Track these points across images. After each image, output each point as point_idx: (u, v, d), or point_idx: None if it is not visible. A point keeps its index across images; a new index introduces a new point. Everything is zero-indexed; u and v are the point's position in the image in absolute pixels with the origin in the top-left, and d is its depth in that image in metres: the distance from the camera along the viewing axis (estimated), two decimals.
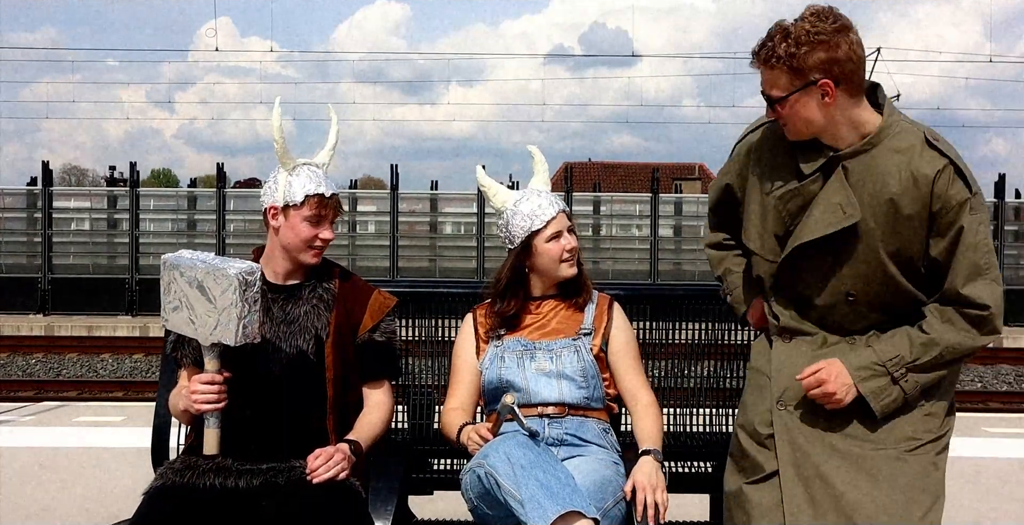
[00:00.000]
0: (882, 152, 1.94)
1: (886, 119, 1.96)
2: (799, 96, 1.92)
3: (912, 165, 1.91)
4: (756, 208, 2.08)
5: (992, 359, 13.08)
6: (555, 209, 2.50)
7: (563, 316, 2.55)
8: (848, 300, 2.00)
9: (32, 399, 8.50)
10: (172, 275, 2.21)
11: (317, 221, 2.33)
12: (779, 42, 1.90)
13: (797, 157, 2.01)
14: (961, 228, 1.89)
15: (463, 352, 2.58)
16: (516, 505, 2.02)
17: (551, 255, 2.50)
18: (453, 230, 17.33)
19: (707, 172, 41.81)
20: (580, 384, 2.45)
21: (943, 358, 1.93)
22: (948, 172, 1.90)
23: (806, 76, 1.90)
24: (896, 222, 1.93)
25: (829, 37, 1.88)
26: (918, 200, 1.91)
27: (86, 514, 3.97)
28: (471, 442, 2.31)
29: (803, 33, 1.88)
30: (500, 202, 2.58)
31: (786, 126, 1.99)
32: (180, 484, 2.14)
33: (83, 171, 57.68)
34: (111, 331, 14.48)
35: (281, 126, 2.32)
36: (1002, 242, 16.17)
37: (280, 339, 2.32)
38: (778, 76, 1.92)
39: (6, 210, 16.73)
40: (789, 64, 1.90)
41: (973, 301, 1.91)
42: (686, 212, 17.01)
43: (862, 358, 1.95)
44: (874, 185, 1.93)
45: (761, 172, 2.07)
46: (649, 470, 2.26)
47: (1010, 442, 5.67)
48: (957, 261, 1.91)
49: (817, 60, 1.88)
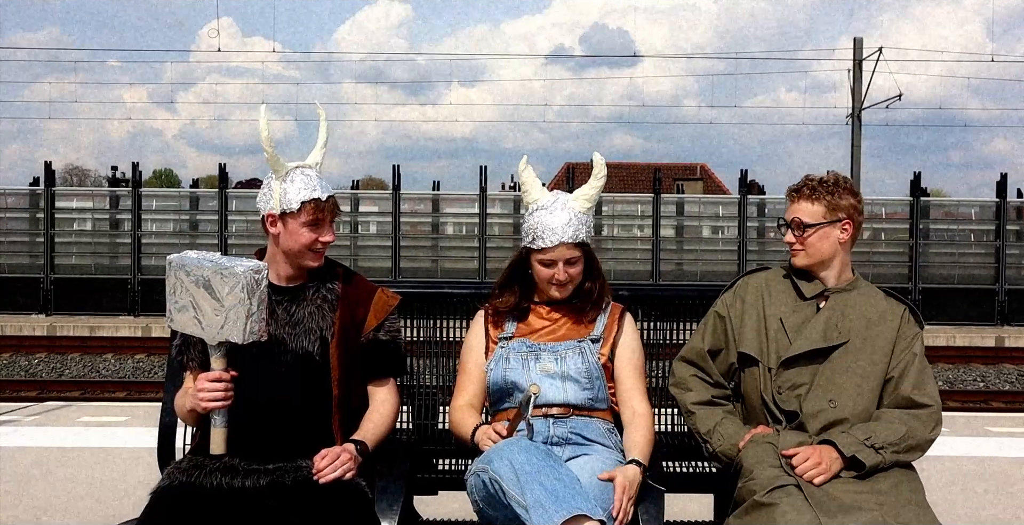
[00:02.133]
0: (859, 295, 2.46)
1: (858, 277, 2.52)
2: (827, 228, 2.42)
3: (880, 309, 2.44)
4: (753, 325, 2.46)
5: (995, 359, 13.09)
6: (558, 240, 2.43)
7: (574, 324, 2.55)
8: (830, 406, 2.34)
9: (35, 399, 8.52)
10: (178, 275, 2.21)
11: (316, 225, 2.34)
12: (820, 183, 2.43)
13: (798, 285, 2.47)
14: (914, 354, 2.41)
15: (473, 349, 2.57)
16: (521, 511, 2.03)
17: (539, 276, 2.51)
18: (455, 230, 17.34)
19: (709, 172, 41.77)
20: (584, 386, 2.45)
21: (908, 439, 2.29)
22: (907, 315, 2.46)
23: (836, 213, 2.42)
24: (871, 347, 2.39)
25: (854, 190, 2.46)
26: (887, 333, 2.41)
27: (90, 514, 3.98)
28: (487, 440, 2.31)
29: (839, 180, 2.45)
30: (526, 200, 2.57)
31: (802, 251, 2.44)
32: (187, 484, 2.15)
33: (85, 171, 57.66)
34: (113, 331, 14.49)
35: (269, 135, 2.32)
36: (1004, 242, 16.17)
37: (285, 340, 2.32)
38: (816, 208, 2.42)
39: (8, 210, 16.76)
40: (828, 200, 2.41)
41: (921, 401, 2.35)
42: (688, 212, 17.02)
43: (846, 437, 2.27)
44: (856, 318, 2.41)
45: (760, 297, 2.49)
46: (631, 475, 2.26)
47: (1013, 441, 5.67)
48: (909, 375, 2.38)
49: (848, 203, 2.43)
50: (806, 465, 2.20)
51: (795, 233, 2.44)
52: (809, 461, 2.21)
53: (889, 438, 2.27)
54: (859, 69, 22.97)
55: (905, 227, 16.59)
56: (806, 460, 2.21)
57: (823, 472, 2.20)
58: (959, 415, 7.21)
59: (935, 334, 14.78)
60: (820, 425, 2.32)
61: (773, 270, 2.57)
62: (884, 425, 2.30)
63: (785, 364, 2.38)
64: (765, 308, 2.47)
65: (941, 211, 17.48)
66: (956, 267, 16.46)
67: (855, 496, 2.15)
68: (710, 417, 2.44)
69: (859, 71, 22.97)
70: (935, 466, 5.01)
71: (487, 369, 2.52)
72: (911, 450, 2.30)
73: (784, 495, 2.13)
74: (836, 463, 2.22)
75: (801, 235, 2.42)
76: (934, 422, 2.35)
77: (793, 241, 2.44)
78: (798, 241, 2.43)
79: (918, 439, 2.31)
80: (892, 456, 2.26)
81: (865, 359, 2.37)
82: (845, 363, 2.37)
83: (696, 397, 2.48)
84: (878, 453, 2.24)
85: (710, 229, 17.61)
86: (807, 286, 2.46)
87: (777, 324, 2.43)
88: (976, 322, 15.90)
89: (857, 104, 23.10)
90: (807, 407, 2.34)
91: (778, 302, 2.47)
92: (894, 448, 2.26)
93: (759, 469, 2.23)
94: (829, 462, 2.22)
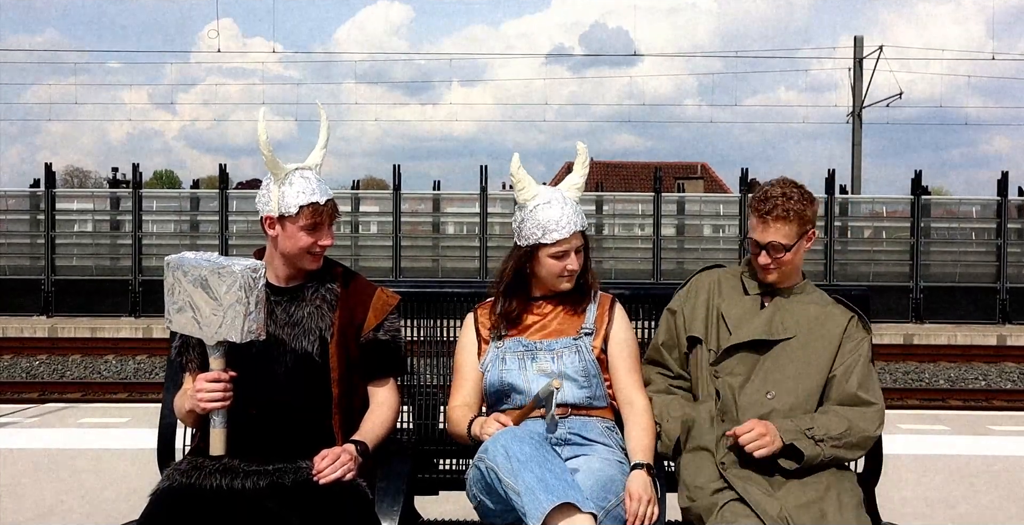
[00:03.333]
0: (806, 297, 2.49)
1: (806, 280, 2.54)
2: (801, 243, 2.42)
3: (826, 312, 2.46)
4: (702, 315, 2.49)
5: (996, 357, 13.08)
6: (570, 230, 2.46)
7: (564, 316, 2.55)
8: (767, 398, 2.37)
9: (36, 400, 8.51)
10: (176, 276, 2.21)
11: (314, 229, 2.33)
12: (784, 200, 2.38)
13: (745, 285, 2.51)
14: (860, 355, 2.41)
15: (465, 352, 2.58)
16: (514, 496, 2.05)
17: (550, 270, 2.50)
18: (456, 230, 17.33)
19: (710, 171, 41.76)
20: (582, 384, 2.45)
21: (849, 434, 2.30)
22: (855, 321, 2.46)
23: (805, 226, 2.41)
24: (814, 346, 2.41)
25: (812, 196, 2.45)
26: (831, 335, 2.42)
27: (90, 515, 3.97)
28: (492, 426, 2.29)
29: (804, 192, 2.42)
30: (523, 198, 2.54)
31: (777, 269, 2.43)
32: (187, 485, 2.15)
33: (86, 173, 57.72)
34: (114, 332, 14.48)
35: (267, 139, 2.31)
36: (1005, 240, 16.15)
37: (284, 341, 2.32)
38: (791, 228, 2.39)
39: (9, 212, 16.75)
40: (800, 216, 2.39)
41: (866, 399, 2.37)
42: (689, 211, 16.99)
43: (787, 423, 2.30)
44: (801, 318, 2.43)
45: (711, 291, 2.53)
46: (643, 482, 2.28)
47: (1015, 440, 5.66)
48: (854, 374, 2.39)
49: (812, 212, 2.43)
50: (750, 435, 2.24)
51: (773, 255, 2.41)
52: (753, 432, 2.24)
53: (831, 432, 2.28)
54: (860, 68, 22.97)
55: (906, 225, 16.57)
56: (750, 431, 2.24)
57: (766, 444, 2.23)
58: (961, 414, 7.20)
59: (936, 333, 14.78)
60: (754, 416, 2.34)
61: (727, 269, 2.61)
62: (827, 418, 2.31)
63: (726, 352, 2.42)
64: (712, 301, 2.51)
65: (942, 209, 17.45)
66: (957, 265, 16.43)
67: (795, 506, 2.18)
68: (663, 403, 2.49)
69: (860, 69, 22.97)
70: (936, 464, 5.00)
71: (483, 370, 2.52)
72: (852, 447, 2.32)
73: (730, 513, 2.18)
74: (778, 440, 2.24)
75: (780, 257, 2.40)
76: (878, 420, 2.36)
77: (768, 262, 2.42)
78: (774, 262, 2.42)
79: (860, 435, 2.32)
80: (831, 450, 2.27)
81: (806, 358, 2.39)
82: (785, 359, 2.39)
83: (654, 388, 2.54)
84: (817, 445, 2.25)
85: (711, 228, 17.59)
86: (751, 283, 2.50)
87: (718, 313, 2.47)
88: (977, 320, 15.88)
89: (858, 102, 23.09)
90: (743, 399, 2.37)
91: (725, 296, 2.51)
92: (834, 442, 2.27)
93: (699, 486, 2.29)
94: (773, 436, 2.24)
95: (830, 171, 16.44)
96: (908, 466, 4.90)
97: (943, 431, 6.00)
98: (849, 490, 2.29)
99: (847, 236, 16.92)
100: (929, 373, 11.97)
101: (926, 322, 15.93)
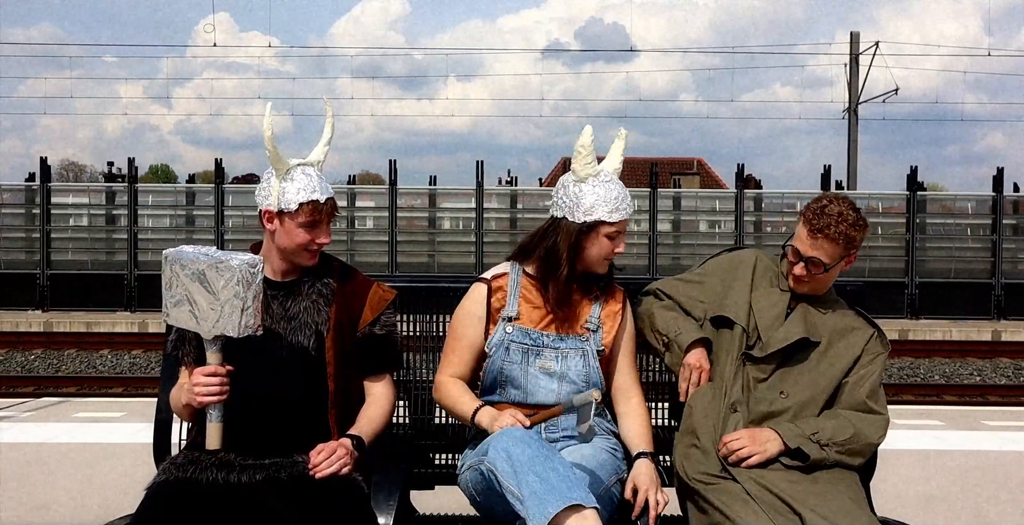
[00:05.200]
0: (833, 306, 2.52)
1: (832, 291, 2.55)
2: (840, 264, 2.43)
3: (850, 324, 2.49)
4: (740, 292, 2.50)
5: (991, 353, 13.11)
6: (629, 211, 2.46)
7: (576, 303, 2.49)
8: (780, 396, 2.41)
9: (31, 395, 8.51)
10: (174, 270, 2.21)
11: (312, 226, 2.33)
12: (839, 221, 2.38)
13: (781, 279, 2.52)
14: (875, 369, 2.46)
15: (469, 325, 2.49)
16: (516, 502, 2.03)
17: (601, 250, 2.45)
18: (452, 225, 17.31)
19: (706, 167, 41.75)
20: (581, 389, 2.43)
21: (854, 441, 2.34)
22: (876, 336, 2.50)
23: (849, 250, 2.41)
24: (834, 354, 2.44)
25: (866, 223, 2.44)
26: (852, 346, 2.46)
27: (86, 509, 3.97)
28: (509, 419, 2.25)
29: (857, 216, 2.41)
30: (586, 173, 2.42)
31: (809, 283, 2.44)
32: (183, 479, 2.14)
33: (81, 167, 57.65)
34: (110, 327, 14.47)
35: (272, 135, 2.31)
36: (1000, 236, 16.18)
37: (281, 335, 2.32)
38: (835, 248, 2.39)
39: (4, 206, 16.72)
40: (849, 241, 2.39)
41: (875, 408, 2.42)
42: (685, 207, 17.00)
43: (792, 429, 2.34)
44: (829, 327, 2.46)
45: (753, 278, 2.53)
46: (648, 471, 2.31)
47: (1009, 435, 5.68)
48: (866, 383, 2.44)
49: (860, 238, 2.42)
50: (738, 443, 2.31)
51: (811, 270, 2.41)
52: (739, 441, 2.31)
53: (836, 437, 2.33)
54: (856, 63, 22.97)
55: (902, 222, 16.60)
56: (737, 439, 2.32)
57: (754, 453, 2.29)
58: (955, 409, 7.23)
59: (932, 328, 14.81)
60: (762, 412, 2.39)
61: (766, 255, 2.61)
62: (834, 423, 2.36)
63: (756, 357, 2.42)
64: (750, 285, 2.52)
65: (938, 205, 17.49)
66: (953, 261, 16.47)
67: (792, 495, 2.19)
68: (672, 317, 2.52)
69: (856, 65, 22.98)
70: (932, 460, 5.02)
71: (488, 350, 2.46)
72: (855, 454, 2.36)
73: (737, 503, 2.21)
74: (772, 444, 2.31)
75: (818, 273, 2.41)
76: (882, 430, 2.41)
77: (803, 275, 2.43)
78: (808, 276, 2.43)
79: (864, 442, 2.36)
80: (836, 455, 2.32)
81: (824, 365, 2.43)
82: (805, 363, 2.42)
83: (661, 305, 2.58)
84: (823, 449, 2.31)
85: (707, 223, 17.59)
86: (785, 282, 2.52)
87: (747, 303, 2.49)
88: (972, 316, 15.92)
89: (854, 98, 23.11)
90: (757, 393, 2.42)
91: (757, 284, 2.52)
92: (839, 448, 2.33)
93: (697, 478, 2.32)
94: (762, 443, 2.30)
95: (826, 167, 16.47)
96: (903, 461, 4.91)
97: (938, 426, 6.02)
98: (853, 484, 2.31)
99: None
100: (924, 368, 12.00)
101: (921, 318, 15.97)
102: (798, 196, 16.86)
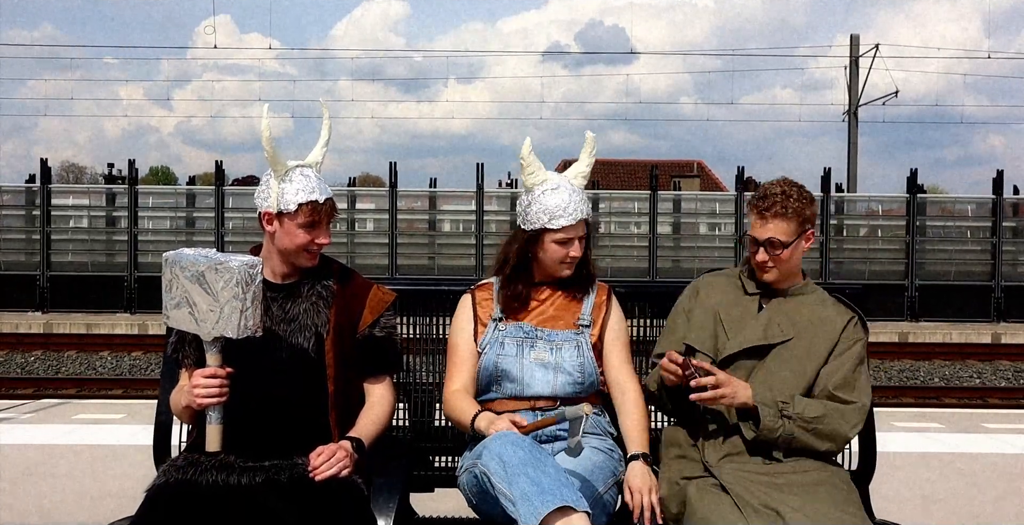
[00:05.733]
0: (805, 299, 2.48)
1: (809, 281, 2.55)
2: (799, 242, 2.42)
3: (826, 313, 2.45)
4: (700, 312, 2.50)
5: (991, 355, 13.11)
6: (576, 217, 2.48)
7: (563, 302, 2.56)
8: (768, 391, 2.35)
9: (31, 397, 8.51)
10: (174, 272, 2.21)
11: (312, 227, 2.33)
12: (784, 198, 2.40)
13: (744, 285, 2.52)
14: (851, 356, 2.41)
15: (463, 333, 2.56)
16: (508, 504, 2.04)
17: (553, 256, 2.51)
18: (452, 228, 17.31)
19: (706, 169, 41.76)
20: (577, 379, 2.45)
21: (821, 422, 2.30)
22: (854, 321, 2.46)
23: (804, 225, 2.42)
24: (810, 347, 2.41)
25: (812, 196, 2.47)
26: (828, 336, 2.42)
27: (86, 511, 3.97)
28: (504, 423, 2.26)
29: (804, 190, 2.44)
30: (531, 182, 2.53)
31: (774, 268, 2.43)
32: (183, 481, 2.14)
33: (81, 168, 57.65)
34: (110, 329, 14.47)
35: (271, 136, 2.31)
36: (1000, 238, 16.19)
37: (280, 337, 2.32)
38: (790, 226, 2.40)
39: (4, 207, 16.72)
40: (799, 215, 2.40)
41: (844, 398, 2.37)
42: (685, 209, 17.01)
43: (767, 395, 2.32)
44: (800, 320, 2.43)
45: (711, 293, 2.54)
46: (641, 473, 2.30)
47: (1009, 438, 5.68)
48: (838, 373, 2.39)
49: (812, 212, 2.44)
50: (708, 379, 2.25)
51: (771, 252, 2.41)
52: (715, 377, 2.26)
53: (806, 413, 2.29)
54: (856, 66, 22.99)
55: (902, 224, 16.61)
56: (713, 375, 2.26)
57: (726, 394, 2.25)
58: (955, 412, 7.23)
59: (931, 331, 14.81)
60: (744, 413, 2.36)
61: (727, 270, 2.62)
62: (808, 401, 2.33)
63: (725, 360, 2.41)
64: (713, 302, 2.52)
65: (937, 208, 17.50)
66: (952, 264, 16.48)
67: (778, 496, 2.17)
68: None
69: (856, 68, 22.99)
70: (931, 462, 5.02)
71: (481, 349, 2.51)
72: (822, 436, 2.30)
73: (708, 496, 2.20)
74: (742, 394, 2.27)
75: (778, 254, 2.41)
76: (855, 419, 2.35)
77: (766, 259, 2.43)
78: (772, 259, 2.42)
79: (832, 426, 2.31)
80: (799, 431, 2.27)
81: (804, 358, 2.40)
82: (784, 360, 2.39)
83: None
84: (782, 419, 2.27)
85: (707, 226, 17.60)
86: (750, 283, 2.51)
87: (716, 316, 2.48)
88: (972, 319, 15.93)
89: (854, 101, 23.12)
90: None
91: (723, 297, 2.51)
92: (803, 423, 2.28)
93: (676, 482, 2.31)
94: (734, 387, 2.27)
95: (826, 169, 16.48)
96: (902, 464, 4.92)
97: (938, 429, 6.02)
98: (840, 486, 2.28)
99: (843, 234, 16.96)
100: (924, 371, 12.00)
101: (921, 320, 15.97)
102: None
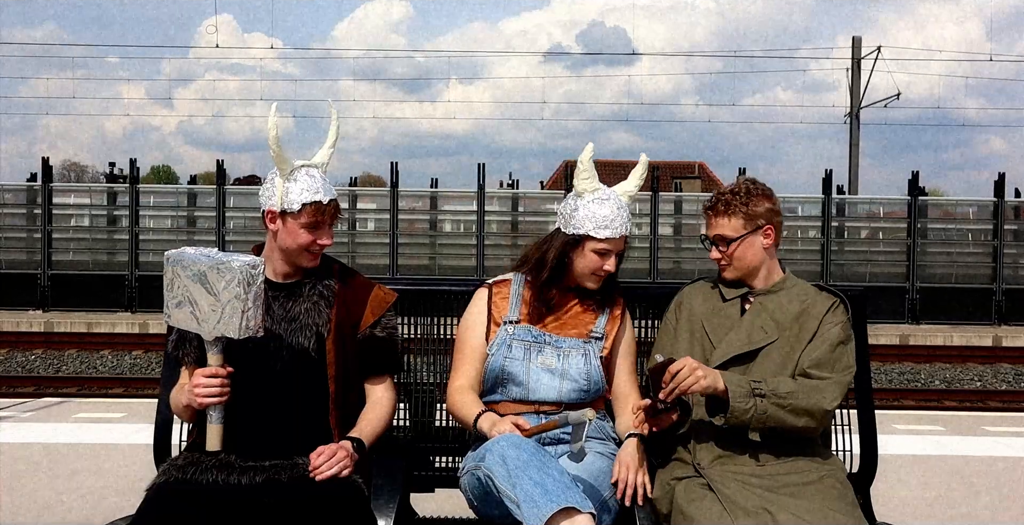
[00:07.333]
0: (786, 294, 2.47)
1: (788, 275, 2.53)
2: (750, 238, 2.44)
3: (808, 303, 2.44)
4: (686, 326, 2.51)
5: (992, 358, 13.11)
6: (620, 232, 2.47)
7: (578, 312, 2.54)
8: None
9: (32, 395, 8.51)
10: (175, 271, 2.21)
11: (315, 227, 2.33)
12: (731, 196, 2.44)
13: (721, 291, 2.52)
14: (830, 335, 2.38)
15: (474, 330, 2.53)
16: (512, 506, 2.04)
17: (588, 264, 2.48)
18: (453, 228, 17.31)
19: (707, 171, 41.74)
20: (582, 386, 2.44)
21: (793, 397, 2.26)
22: (834, 306, 2.44)
23: (755, 221, 2.43)
24: (795, 339, 2.39)
25: (767, 193, 2.47)
26: (811, 324, 2.41)
27: (86, 510, 3.97)
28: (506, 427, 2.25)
29: (750, 188, 2.45)
30: (584, 188, 2.50)
31: (729, 265, 2.47)
32: (183, 480, 2.15)
33: (83, 167, 57.73)
34: (111, 328, 14.47)
35: (277, 135, 2.31)
36: (1001, 241, 16.18)
37: (281, 337, 2.32)
38: (734, 222, 2.43)
39: (6, 206, 16.72)
40: (744, 211, 2.42)
41: (818, 375, 2.33)
42: (686, 211, 16.99)
43: (736, 377, 2.29)
44: (783, 317, 2.42)
45: (693, 303, 2.54)
46: (631, 450, 2.30)
47: (1010, 441, 5.68)
48: (814, 352, 2.36)
49: (764, 209, 2.44)
50: (676, 365, 2.21)
51: (719, 249, 2.46)
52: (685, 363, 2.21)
53: (779, 390, 2.25)
54: (857, 68, 22.97)
55: (903, 226, 16.60)
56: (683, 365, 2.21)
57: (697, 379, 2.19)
58: (956, 414, 7.22)
59: (932, 334, 14.80)
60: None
61: (706, 279, 2.62)
62: (780, 379, 2.30)
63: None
64: (695, 313, 2.52)
65: (939, 210, 17.47)
66: (954, 266, 16.46)
67: (770, 496, 2.16)
68: None
69: (857, 70, 22.98)
70: (932, 465, 5.02)
71: (489, 352, 2.49)
72: (799, 412, 2.26)
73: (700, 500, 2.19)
74: (711, 378, 2.22)
75: (726, 250, 2.44)
76: (831, 393, 2.30)
77: (719, 257, 2.47)
78: (724, 256, 2.46)
79: (808, 401, 2.26)
80: (773, 408, 2.23)
81: (789, 352, 2.39)
82: (771, 360, 2.38)
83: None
84: (753, 398, 2.22)
85: None
86: (728, 290, 2.51)
87: (700, 327, 2.48)
88: (973, 321, 15.91)
89: (855, 103, 23.10)
90: None
91: (704, 306, 2.52)
92: (778, 400, 2.24)
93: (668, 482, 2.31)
94: (705, 371, 2.22)
95: (827, 171, 16.47)
96: (903, 466, 4.91)
97: (938, 432, 6.02)
98: (835, 485, 2.26)
99: (844, 237, 16.95)
100: (925, 374, 11.99)
101: (922, 323, 15.95)
102: (799, 200, 16.88)
